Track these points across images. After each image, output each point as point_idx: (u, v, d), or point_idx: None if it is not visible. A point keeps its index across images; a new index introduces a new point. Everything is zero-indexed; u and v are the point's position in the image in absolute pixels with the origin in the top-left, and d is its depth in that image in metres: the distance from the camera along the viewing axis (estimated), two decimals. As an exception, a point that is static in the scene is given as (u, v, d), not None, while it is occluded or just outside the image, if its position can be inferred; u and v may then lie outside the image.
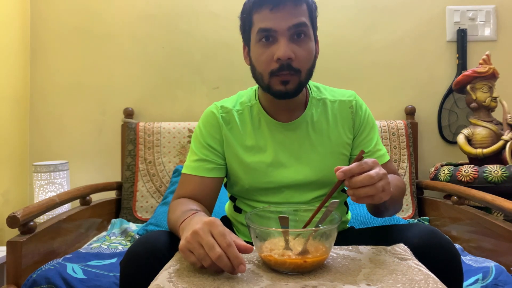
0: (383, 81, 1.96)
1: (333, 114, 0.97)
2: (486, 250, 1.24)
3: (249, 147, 0.94)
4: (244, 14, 0.90)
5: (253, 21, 0.87)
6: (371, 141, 0.97)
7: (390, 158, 1.00)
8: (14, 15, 1.83)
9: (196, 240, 0.63)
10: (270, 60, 0.85)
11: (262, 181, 0.93)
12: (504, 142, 1.59)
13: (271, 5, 0.83)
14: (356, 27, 1.97)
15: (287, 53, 0.83)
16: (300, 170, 0.93)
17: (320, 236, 0.66)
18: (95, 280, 1.05)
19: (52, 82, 1.95)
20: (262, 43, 0.86)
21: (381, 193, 0.67)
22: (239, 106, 0.98)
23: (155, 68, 1.96)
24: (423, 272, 0.63)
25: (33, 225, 1.16)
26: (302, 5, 0.85)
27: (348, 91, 1.01)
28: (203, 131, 0.96)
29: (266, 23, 0.84)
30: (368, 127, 0.98)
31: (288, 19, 0.83)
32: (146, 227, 1.51)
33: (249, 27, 0.89)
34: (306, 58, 0.86)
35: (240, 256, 0.61)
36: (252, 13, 0.87)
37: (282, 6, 0.82)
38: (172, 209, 0.86)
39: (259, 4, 0.85)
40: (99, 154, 1.95)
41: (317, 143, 0.94)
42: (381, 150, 0.98)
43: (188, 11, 1.96)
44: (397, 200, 0.91)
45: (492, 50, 1.79)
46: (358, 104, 0.98)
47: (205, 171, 0.92)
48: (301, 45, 0.85)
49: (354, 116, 0.97)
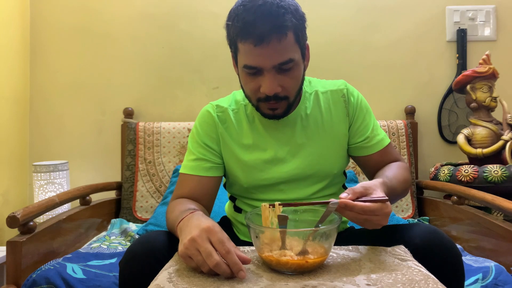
0: (383, 81, 1.96)
1: (326, 105, 0.96)
2: (486, 250, 1.24)
3: (246, 145, 0.94)
4: (229, 36, 0.86)
5: (238, 48, 0.83)
6: (367, 127, 0.97)
7: (390, 141, 0.98)
8: (14, 15, 1.83)
9: (194, 247, 0.63)
10: (256, 90, 0.85)
11: (260, 178, 0.93)
12: (504, 142, 1.59)
13: (254, 41, 0.78)
14: (356, 26, 1.97)
15: (273, 89, 0.82)
16: (297, 164, 0.92)
17: (320, 236, 0.66)
18: (95, 280, 1.04)
19: (52, 82, 1.95)
20: (249, 75, 0.84)
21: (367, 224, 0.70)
22: (234, 105, 0.98)
23: (155, 68, 1.96)
24: (423, 272, 0.63)
25: (33, 225, 1.16)
26: (288, 35, 0.80)
27: (339, 81, 1.01)
28: (200, 131, 0.96)
29: (251, 61, 0.81)
30: (362, 113, 0.97)
31: (273, 57, 0.80)
32: (146, 227, 1.51)
33: (235, 50, 0.86)
34: (294, 85, 0.86)
35: (239, 263, 0.61)
36: (237, 41, 0.83)
37: (266, 43, 0.78)
38: (170, 209, 0.86)
39: (242, 37, 0.80)
40: (99, 154, 1.95)
41: (312, 136, 0.94)
42: (379, 134, 0.97)
43: (188, 11, 1.96)
44: (401, 194, 0.91)
45: (492, 50, 1.79)
46: (349, 91, 0.98)
47: (203, 170, 0.92)
48: (288, 75, 0.84)
49: (347, 104, 0.97)
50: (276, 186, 0.93)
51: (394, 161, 0.97)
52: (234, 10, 0.82)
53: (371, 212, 0.68)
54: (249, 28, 0.78)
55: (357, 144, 0.97)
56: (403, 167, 0.94)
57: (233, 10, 0.83)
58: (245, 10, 0.79)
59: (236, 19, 0.81)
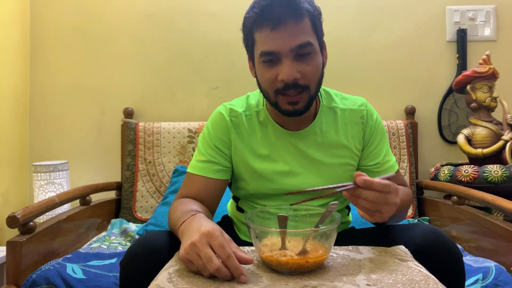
0: (383, 81, 1.96)
1: (343, 123, 0.95)
2: (486, 250, 1.24)
3: (257, 154, 0.93)
4: (245, 31, 0.87)
5: (255, 39, 0.84)
6: (380, 152, 0.96)
7: (398, 168, 0.98)
8: (14, 16, 1.83)
9: (194, 251, 0.63)
10: (274, 79, 0.83)
11: (267, 188, 0.92)
12: (504, 142, 1.59)
13: (271, 25, 0.78)
14: (356, 27, 1.97)
15: (292, 75, 0.80)
16: (307, 179, 0.92)
17: (320, 236, 0.66)
18: (95, 280, 1.04)
19: (52, 82, 1.94)
20: (266, 64, 0.83)
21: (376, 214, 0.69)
22: (248, 110, 0.96)
23: (155, 68, 1.96)
24: (423, 273, 0.63)
25: (33, 225, 1.16)
26: (304, 20, 0.80)
27: (359, 99, 0.99)
28: (212, 133, 0.94)
29: (268, 46, 0.81)
30: (378, 137, 0.96)
31: (290, 39, 0.79)
32: (146, 227, 1.51)
33: (251, 44, 0.86)
34: (314, 73, 0.84)
35: (240, 267, 0.61)
36: (253, 32, 0.83)
37: (283, 25, 0.78)
38: (173, 209, 0.86)
39: (259, 23, 0.81)
40: (99, 154, 1.95)
41: (325, 153, 0.93)
42: (390, 161, 0.97)
43: (188, 11, 1.96)
44: (400, 216, 0.91)
45: (492, 50, 1.79)
46: (369, 113, 0.96)
47: (212, 172, 0.91)
48: (307, 61, 0.82)
49: (364, 126, 0.95)
50: (282, 196, 0.92)
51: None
52: (252, 3, 0.84)
53: (388, 190, 0.67)
54: (266, 13, 0.79)
55: (367, 167, 0.96)
56: (407, 193, 0.94)
57: (251, 3, 0.84)
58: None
59: (253, 8, 0.82)
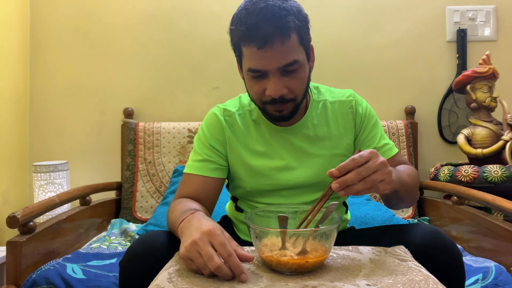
0: (383, 81, 1.96)
1: (333, 115, 0.96)
2: (486, 250, 1.24)
3: (253, 150, 0.94)
4: (233, 41, 0.86)
5: (242, 52, 0.84)
6: (374, 137, 0.96)
7: (398, 151, 0.98)
8: (14, 16, 1.83)
9: (195, 249, 0.63)
10: (262, 93, 0.85)
11: (264, 183, 0.93)
12: (504, 142, 1.59)
13: (258, 44, 0.78)
14: (356, 27, 1.97)
15: (279, 91, 0.82)
16: (303, 173, 0.93)
17: (320, 236, 0.66)
18: (95, 280, 1.04)
19: (52, 82, 1.94)
20: (254, 78, 0.84)
21: (379, 184, 0.67)
22: (241, 109, 0.98)
23: (155, 68, 1.96)
24: (423, 273, 0.63)
25: (33, 225, 1.16)
26: (291, 37, 0.79)
27: (347, 91, 1.01)
28: (207, 133, 0.96)
29: (255, 64, 0.81)
30: (370, 124, 0.97)
31: (277, 59, 0.80)
32: (146, 227, 1.51)
33: (239, 54, 0.86)
34: (300, 86, 0.85)
35: (241, 266, 0.61)
36: (241, 45, 0.83)
37: (269, 45, 0.78)
38: (172, 209, 0.86)
39: (246, 40, 0.80)
40: (99, 154, 1.95)
41: (318, 145, 0.94)
42: (387, 144, 0.97)
43: (188, 11, 1.96)
44: (412, 189, 0.89)
45: (492, 50, 1.79)
46: (358, 102, 0.98)
47: (208, 171, 0.92)
48: (294, 77, 0.83)
49: (354, 115, 0.97)
50: (279, 192, 0.93)
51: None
52: (237, 15, 0.83)
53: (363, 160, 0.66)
54: (252, 32, 0.78)
55: None
56: (410, 168, 0.93)
57: (235, 14, 0.83)
58: (247, 14, 0.79)
59: (239, 23, 0.81)
